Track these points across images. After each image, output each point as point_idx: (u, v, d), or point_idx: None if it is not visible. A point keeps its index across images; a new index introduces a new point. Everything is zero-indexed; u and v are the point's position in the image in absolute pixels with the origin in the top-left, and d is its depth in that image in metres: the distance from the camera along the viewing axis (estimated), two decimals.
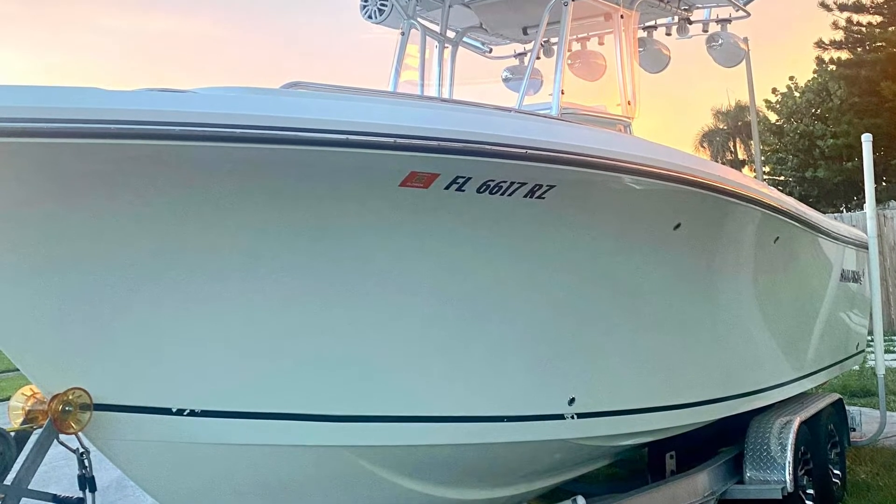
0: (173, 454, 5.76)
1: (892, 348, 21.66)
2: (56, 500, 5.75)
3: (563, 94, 8.01)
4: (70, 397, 5.37)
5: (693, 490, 8.52)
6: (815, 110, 46.75)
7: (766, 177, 41.93)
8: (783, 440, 8.85)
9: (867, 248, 12.36)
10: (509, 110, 7.10)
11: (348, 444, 6.12)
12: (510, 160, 5.81)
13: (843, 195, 45.70)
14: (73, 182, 4.87)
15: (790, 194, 22.44)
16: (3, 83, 4.64)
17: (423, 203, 5.69)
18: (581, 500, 7.33)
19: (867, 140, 11.93)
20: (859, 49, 43.57)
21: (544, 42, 9.92)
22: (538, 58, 9.34)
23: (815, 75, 47.15)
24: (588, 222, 6.62)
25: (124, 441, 5.63)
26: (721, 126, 64.55)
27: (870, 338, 13.23)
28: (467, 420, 6.51)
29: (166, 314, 5.46)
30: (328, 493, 6.34)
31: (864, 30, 42.95)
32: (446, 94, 10.11)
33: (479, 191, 5.78)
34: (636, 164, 6.65)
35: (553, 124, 7.01)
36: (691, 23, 10.81)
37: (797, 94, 48.34)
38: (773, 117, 49.41)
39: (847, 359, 12.75)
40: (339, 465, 6.19)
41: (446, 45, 10.26)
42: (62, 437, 5.49)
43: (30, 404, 5.77)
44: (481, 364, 6.50)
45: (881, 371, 11.92)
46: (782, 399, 9.83)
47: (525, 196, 6.02)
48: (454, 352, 6.36)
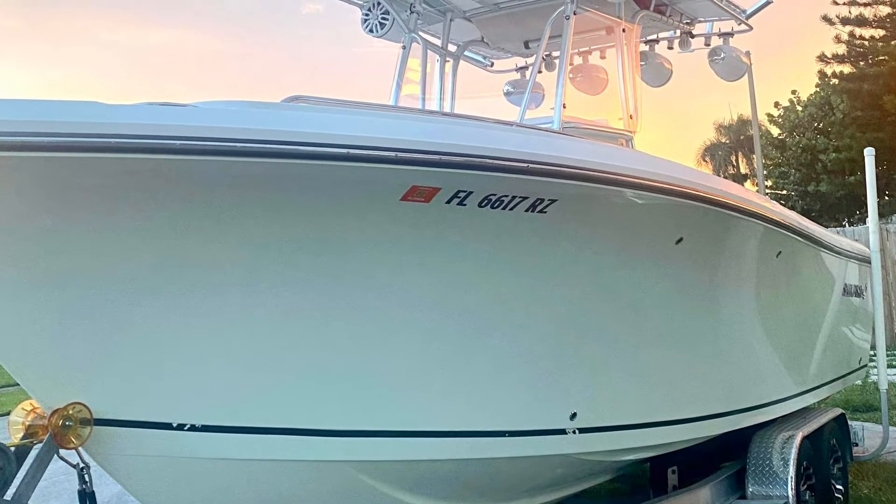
0: (174, 469, 5.74)
1: (894, 363, 21.57)
2: None
3: (564, 108, 7.98)
4: (70, 412, 5.35)
5: None
6: (818, 124, 46.81)
7: (768, 191, 42.09)
8: (785, 455, 8.81)
9: (870, 263, 12.34)
10: (511, 124, 7.09)
11: (349, 458, 6.10)
12: (512, 174, 5.80)
13: (846, 209, 45.71)
14: (73, 196, 4.86)
15: (792, 208, 22.43)
16: (4, 97, 4.64)
17: (424, 217, 5.68)
18: None
19: (870, 154, 11.94)
20: (862, 63, 43.68)
21: (546, 56, 9.91)
22: (540, 71, 9.33)
23: (818, 89, 47.25)
24: (590, 237, 6.60)
25: (125, 456, 5.61)
26: (723, 140, 64.57)
27: (872, 352, 13.22)
28: (468, 435, 6.49)
29: (167, 329, 5.44)
30: None
31: (866, 43, 43.08)
32: (448, 108, 10.11)
33: (480, 205, 5.77)
34: (638, 178, 6.64)
35: (555, 138, 7.01)
36: (693, 36, 10.80)
37: (799, 108, 48.40)
38: (775, 131, 49.47)
39: (849, 373, 12.70)
40: (339, 480, 6.16)
41: (448, 58, 10.26)
42: (62, 451, 5.47)
43: (30, 419, 5.74)
44: (483, 379, 6.48)
45: (884, 386, 11.91)
46: (785, 414, 9.79)
47: (527, 210, 6.01)
48: (455, 366, 6.34)
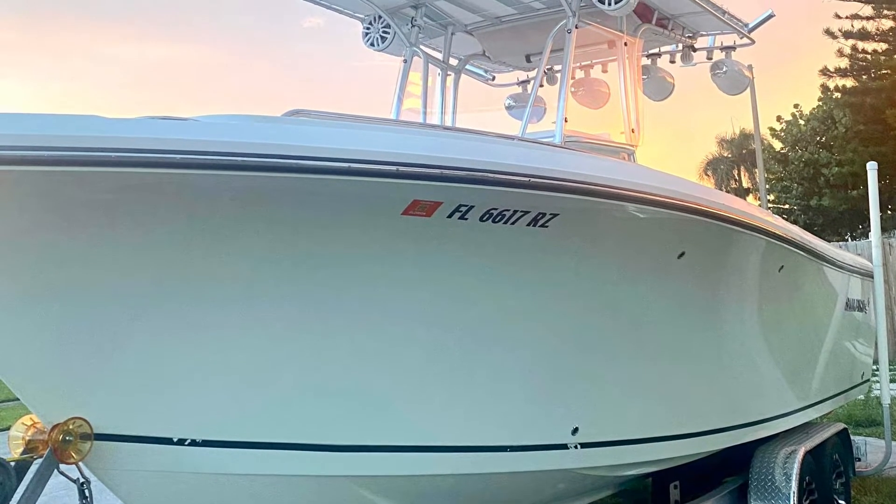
0: (174, 484, 5.72)
1: None
2: None
3: (566, 121, 7.98)
4: (70, 427, 5.33)
5: None
6: (820, 138, 46.83)
7: (770, 205, 42.06)
8: (788, 470, 8.79)
9: (872, 277, 12.32)
10: (512, 138, 7.08)
11: (350, 473, 6.09)
12: (513, 188, 5.79)
13: (849, 223, 45.71)
14: (73, 210, 4.86)
15: (795, 223, 22.39)
16: (4, 111, 4.64)
17: (425, 231, 5.67)
18: None
19: (872, 168, 11.93)
20: (864, 77, 43.69)
21: (547, 70, 9.92)
22: (541, 85, 9.35)
23: (820, 103, 47.31)
24: (592, 251, 6.59)
25: (125, 471, 5.58)
26: (725, 154, 64.70)
27: (875, 367, 13.22)
28: (470, 450, 6.47)
29: (167, 343, 5.43)
30: None
31: (869, 57, 43.04)
32: (449, 122, 10.12)
33: (482, 219, 5.77)
34: (640, 192, 6.64)
35: (556, 152, 7.00)
36: (695, 50, 10.79)
37: (802, 122, 48.43)
38: (777, 145, 49.45)
39: (852, 388, 12.67)
40: (340, 495, 6.14)
41: (449, 72, 10.28)
42: (62, 466, 5.44)
43: (30, 434, 5.72)
44: (484, 393, 6.47)
45: (886, 401, 11.87)
46: (787, 429, 9.77)
47: (528, 224, 6.00)
48: (457, 381, 6.33)
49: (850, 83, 44.28)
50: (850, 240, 37.21)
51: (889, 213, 42.48)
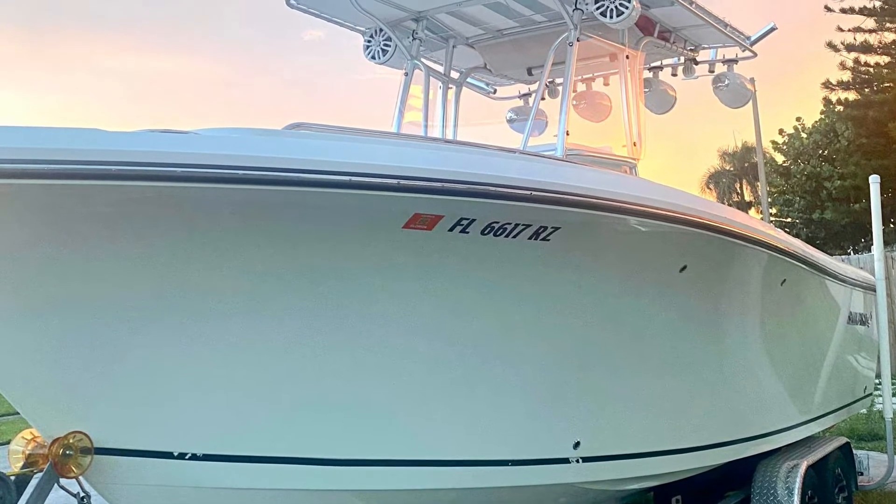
0: (175, 498, 5.71)
1: None
2: None
3: (568, 135, 7.96)
4: (71, 441, 5.33)
5: None
6: (823, 151, 46.83)
7: (772, 218, 42.06)
8: (790, 484, 8.76)
9: (875, 291, 12.29)
10: (514, 152, 7.07)
11: (351, 488, 6.08)
12: (515, 202, 5.79)
13: (851, 237, 45.70)
14: (74, 224, 4.86)
15: (797, 236, 22.43)
16: (3, 124, 4.63)
17: (426, 245, 5.67)
18: None
19: (875, 181, 11.93)
20: (867, 90, 43.73)
21: (549, 83, 9.93)
22: (543, 98, 9.32)
23: (823, 116, 47.34)
24: (593, 265, 6.58)
25: (125, 485, 5.58)
26: (727, 167, 64.76)
27: (877, 381, 13.17)
28: (471, 464, 6.46)
29: (167, 357, 5.42)
30: None
31: (871, 70, 43.12)
32: (450, 135, 10.10)
33: (483, 233, 5.76)
34: (642, 205, 6.63)
35: (558, 166, 6.99)
36: (697, 63, 10.78)
37: (804, 135, 48.43)
38: (779, 158, 49.45)
39: (854, 402, 12.66)
40: None
41: (450, 85, 10.28)
42: (63, 480, 5.44)
43: (30, 448, 5.72)
44: (485, 407, 6.46)
45: (889, 415, 11.83)
46: (789, 443, 9.74)
47: (530, 238, 5.99)
48: (458, 395, 6.32)
49: (852, 96, 44.36)
50: (852, 253, 37.25)
51: (891, 226, 42.51)
